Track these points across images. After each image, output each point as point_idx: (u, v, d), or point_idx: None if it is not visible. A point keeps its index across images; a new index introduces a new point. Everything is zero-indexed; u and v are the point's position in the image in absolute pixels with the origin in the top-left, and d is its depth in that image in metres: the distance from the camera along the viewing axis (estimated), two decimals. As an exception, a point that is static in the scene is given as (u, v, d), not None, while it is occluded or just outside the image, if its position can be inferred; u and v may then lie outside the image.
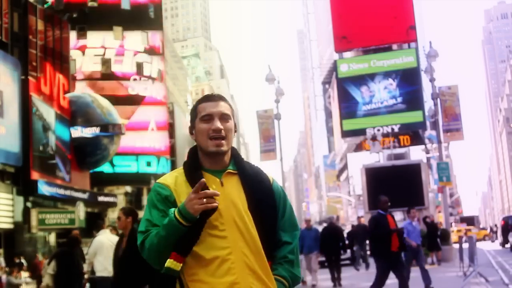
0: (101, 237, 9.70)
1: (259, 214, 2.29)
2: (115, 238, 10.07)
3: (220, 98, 2.37)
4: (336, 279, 15.15)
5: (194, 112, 2.38)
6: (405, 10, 44.85)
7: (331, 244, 15.48)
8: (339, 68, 45.52)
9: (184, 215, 2.15)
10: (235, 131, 2.41)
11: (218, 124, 2.28)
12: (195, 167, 2.33)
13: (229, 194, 2.29)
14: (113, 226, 12.71)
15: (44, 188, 23.45)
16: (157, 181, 2.38)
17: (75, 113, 28.29)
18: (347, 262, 23.44)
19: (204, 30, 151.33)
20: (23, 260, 19.44)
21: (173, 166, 46.59)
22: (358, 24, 44.47)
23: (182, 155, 51.15)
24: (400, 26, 44.03)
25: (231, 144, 2.37)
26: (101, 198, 30.14)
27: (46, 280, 9.45)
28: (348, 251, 20.90)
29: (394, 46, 45.51)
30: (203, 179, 2.16)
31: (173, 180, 2.33)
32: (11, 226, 22.11)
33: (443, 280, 14.28)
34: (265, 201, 2.33)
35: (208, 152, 2.31)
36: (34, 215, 23.46)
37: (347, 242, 20.29)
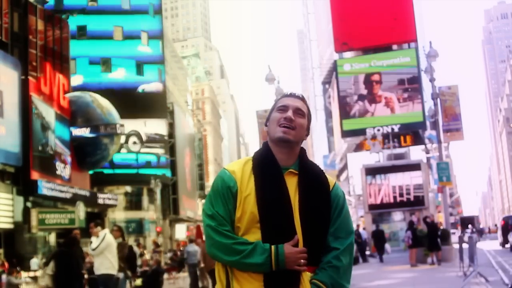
0: (109, 235, 9.74)
1: (308, 218, 2.29)
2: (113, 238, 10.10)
3: (301, 97, 2.44)
4: None
5: (273, 106, 2.45)
6: (405, 13, 44.85)
7: None
8: (339, 67, 45.54)
9: (279, 263, 2.20)
10: (307, 135, 2.45)
11: (290, 113, 2.34)
12: (271, 161, 2.35)
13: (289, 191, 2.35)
14: (118, 226, 12.73)
15: (44, 188, 23.44)
16: (225, 167, 2.41)
17: (75, 113, 28.29)
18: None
19: (204, 30, 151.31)
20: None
21: (173, 166, 46.58)
22: (359, 27, 44.48)
23: (182, 155, 51.15)
24: (400, 27, 44.04)
25: (299, 141, 2.40)
26: (101, 198, 30.13)
27: (46, 280, 9.44)
28: None
29: (394, 46, 45.49)
30: (297, 236, 2.25)
31: (241, 168, 2.36)
32: (11, 226, 22.10)
33: (443, 280, 14.29)
34: (317, 206, 2.33)
35: (275, 138, 2.36)
36: (34, 215, 23.46)
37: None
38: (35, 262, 20.55)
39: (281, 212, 2.27)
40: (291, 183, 2.33)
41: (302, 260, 2.23)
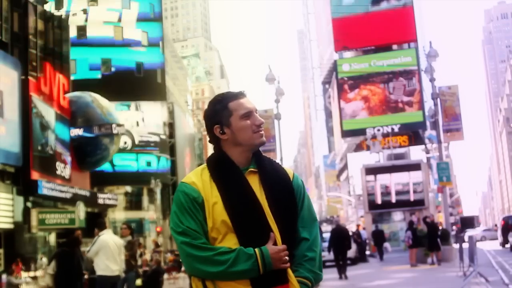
0: (105, 236, 9.68)
1: (279, 214, 2.27)
2: (117, 239, 10.04)
3: (244, 94, 2.40)
4: (342, 273, 17.10)
5: (224, 111, 2.34)
6: (406, 13, 44.86)
7: (339, 243, 17.68)
8: (339, 67, 45.54)
9: (267, 266, 2.18)
10: None
11: (259, 118, 2.34)
12: (229, 165, 2.32)
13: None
14: (128, 224, 12.64)
15: (44, 188, 23.44)
16: (183, 180, 2.33)
17: (75, 113, 28.28)
18: (348, 262, 23.52)
19: (204, 30, 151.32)
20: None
21: (173, 166, 46.58)
22: (359, 29, 44.51)
23: (182, 155, 51.15)
24: (400, 27, 44.04)
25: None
26: (101, 198, 30.13)
27: (46, 280, 9.44)
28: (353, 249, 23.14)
29: (394, 46, 45.54)
30: (273, 234, 2.24)
31: (199, 178, 2.31)
32: (11, 226, 22.09)
33: (443, 280, 14.29)
34: (284, 199, 2.32)
35: (253, 145, 2.33)
36: (34, 215, 23.45)
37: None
38: (45, 262, 20.47)
39: (253, 214, 2.24)
40: (254, 182, 2.31)
41: (285, 257, 2.21)
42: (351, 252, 23.87)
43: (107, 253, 9.48)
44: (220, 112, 2.34)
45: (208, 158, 2.43)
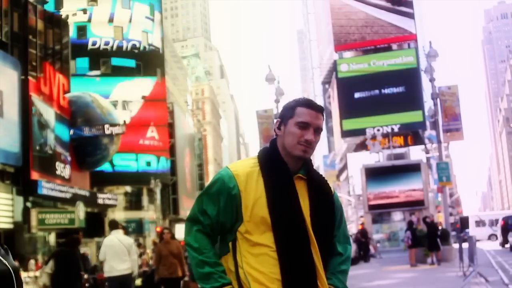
0: (110, 236, 9.67)
1: (319, 222, 2.33)
2: (125, 238, 9.98)
3: (321, 109, 2.40)
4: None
5: (290, 111, 2.40)
6: (405, 12, 44.84)
7: None
8: (339, 67, 45.54)
9: None
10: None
11: (311, 136, 2.33)
12: (281, 165, 2.36)
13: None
14: (122, 225, 12.61)
15: (44, 188, 23.44)
16: (229, 166, 2.39)
17: (75, 113, 28.27)
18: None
19: (204, 30, 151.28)
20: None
21: (173, 166, 46.57)
22: (359, 30, 44.52)
23: (182, 155, 51.15)
24: (400, 27, 44.04)
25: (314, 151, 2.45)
26: (101, 198, 30.13)
27: (44, 279, 9.44)
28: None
29: (394, 46, 45.53)
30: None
31: (246, 170, 2.35)
32: (11, 226, 22.10)
33: (443, 280, 14.29)
34: (326, 210, 2.38)
35: (292, 155, 2.35)
36: (34, 215, 23.45)
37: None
38: (49, 266, 20.44)
39: (293, 217, 2.29)
40: (300, 187, 2.36)
41: None
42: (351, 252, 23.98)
43: (111, 253, 9.50)
44: (288, 110, 2.41)
45: (260, 151, 2.46)
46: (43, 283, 9.50)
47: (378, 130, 40.13)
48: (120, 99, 41.24)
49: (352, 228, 52.26)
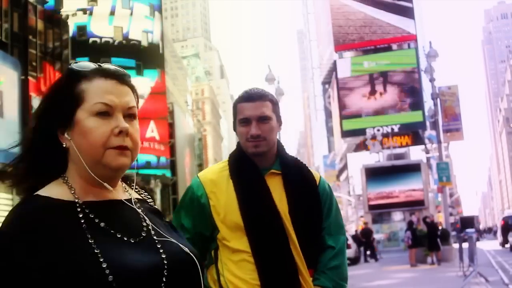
0: None
1: (300, 219, 2.18)
2: None
3: (259, 97, 2.26)
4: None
5: (234, 110, 2.36)
6: (405, 12, 44.85)
7: None
8: (339, 67, 45.55)
9: None
10: (280, 124, 2.33)
11: (254, 130, 2.20)
12: (248, 165, 2.23)
13: (272, 195, 2.21)
14: None
15: (44, 188, 23.46)
16: (199, 174, 2.31)
17: (75, 113, 28.31)
18: (348, 262, 23.57)
19: (204, 30, 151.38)
20: None
21: (173, 166, 46.58)
22: (358, 30, 44.53)
23: (182, 155, 51.19)
24: (400, 27, 44.05)
25: (274, 143, 2.26)
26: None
27: None
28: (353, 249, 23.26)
29: (394, 46, 45.55)
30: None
31: (215, 175, 2.26)
32: (11, 226, 22.11)
33: (443, 280, 14.29)
34: (308, 204, 2.22)
35: (247, 152, 2.25)
36: (34, 215, 23.47)
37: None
38: None
39: (266, 216, 2.16)
40: (275, 184, 2.21)
41: None
42: (351, 252, 23.94)
43: None
44: (233, 109, 2.39)
45: (230, 154, 2.36)
46: None
47: (378, 130, 40.14)
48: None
49: (352, 228, 52.30)
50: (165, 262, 1.21)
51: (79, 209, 1.23)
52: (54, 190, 1.27)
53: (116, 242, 1.20)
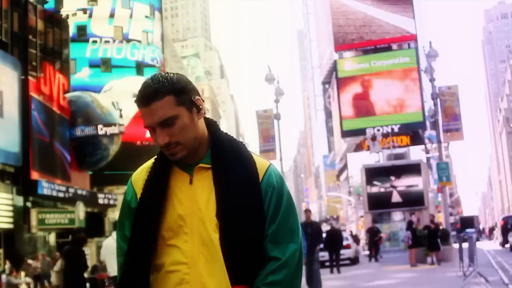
0: (109, 237, 9.89)
1: (231, 224, 1.74)
2: None
3: (153, 96, 1.73)
4: (336, 267, 19.06)
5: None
6: (405, 12, 44.84)
7: (332, 244, 19.08)
8: (339, 66, 45.55)
9: None
10: (200, 110, 1.82)
11: (160, 140, 1.75)
12: (165, 162, 1.84)
13: (198, 196, 1.79)
14: None
15: (44, 188, 23.45)
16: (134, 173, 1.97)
17: (75, 113, 28.27)
18: (348, 262, 23.57)
19: (204, 30, 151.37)
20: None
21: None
22: (357, 30, 44.54)
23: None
24: (400, 27, 44.06)
25: (195, 139, 1.80)
26: (101, 198, 30.14)
27: (53, 278, 9.61)
28: (351, 250, 23.48)
29: (394, 46, 45.56)
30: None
31: (141, 174, 1.90)
32: (11, 226, 22.10)
33: (443, 280, 14.29)
34: (243, 205, 1.75)
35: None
36: (34, 215, 23.45)
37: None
38: (58, 265, 20.34)
39: (175, 223, 1.78)
40: (204, 181, 1.80)
41: None
42: (351, 252, 23.97)
43: (109, 253, 9.69)
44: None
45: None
46: (53, 282, 9.68)
47: (378, 130, 40.16)
48: (120, 99, 41.34)
49: (352, 228, 52.30)
50: None
51: None
52: None
53: None
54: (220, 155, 1.82)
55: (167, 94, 1.74)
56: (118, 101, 37.61)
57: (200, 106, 1.81)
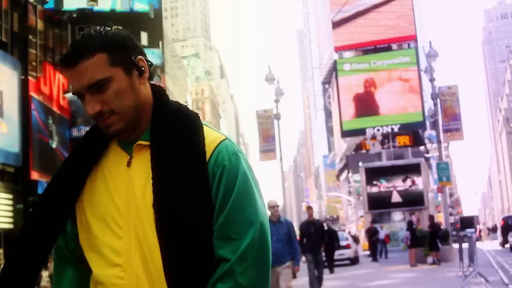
0: None
1: (165, 217, 1.38)
2: None
3: (81, 54, 1.40)
4: (330, 267, 19.16)
5: None
6: (405, 12, 44.85)
7: (328, 244, 18.56)
8: (339, 67, 45.55)
9: None
10: (142, 72, 1.46)
11: (89, 109, 1.43)
12: (99, 137, 1.53)
13: (135, 181, 1.44)
14: None
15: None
16: None
17: (75, 113, 28.28)
18: (348, 262, 23.58)
19: (204, 30, 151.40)
20: None
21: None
22: (359, 29, 44.57)
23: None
24: (400, 27, 44.06)
25: (135, 108, 1.44)
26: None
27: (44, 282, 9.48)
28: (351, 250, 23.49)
29: (394, 46, 45.56)
30: None
31: None
32: (11, 226, 22.10)
33: (443, 280, 14.29)
34: (182, 192, 1.39)
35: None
36: (34, 215, 23.46)
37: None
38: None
39: (112, 220, 1.44)
40: (143, 163, 1.44)
41: None
42: (351, 252, 23.97)
43: None
44: None
45: None
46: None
47: (378, 130, 40.16)
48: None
49: (352, 228, 52.30)
50: None
51: None
52: None
53: None
54: (160, 129, 1.45)
55: (98, 51, 1.40)
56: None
57: (143, 68, 1.45)
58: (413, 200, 29.68)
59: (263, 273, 1.39)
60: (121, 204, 1.44)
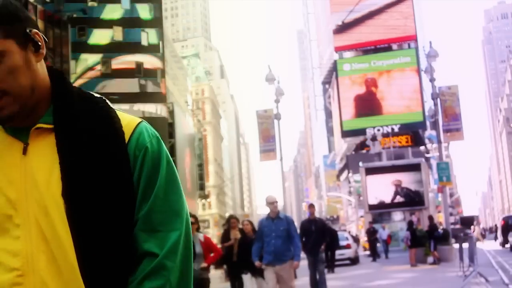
0: None
1: (79, 206, 1.20)
2: None
3: None
4: (330, 267, 19.07)
5: None
6: (406, 12, 44.85)
7: (329, 243, 18.49)
8: (339, 67, 45.56)
9: None
10: (39, 50, 1.27)
11: None
12: None
13: (35, 169, 1.24)
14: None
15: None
16: None
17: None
18: (348, 262, 23.59)
19: (204, 30, 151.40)
20: None
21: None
22: (359, 29, 44.59)
23: (182, 155, 51.24)
24: (400, 27, 44.06)
25: (26, 91, 1.23)
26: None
27: None
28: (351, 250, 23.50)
29: (394, 46, 45.58)
30: None
31: None
32: None
33: (443, 280, 14.28)
34: (99, 177, 1.22)
35: None
36: (34, 215, 23.52)
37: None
38: None
39: (7, 219, 1.22)
40: (44, 148, 1.25)
41: None
42: (351, 252, 23.97)
43: None
44: None
45: None
46: None
47: (378, 130, 40.17)
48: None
49: (352, 228, 52.30)
50: None
51: None
52: None
53: None
54: (66, 110, 1.26)
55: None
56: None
57: (39, 43, 1.25)
58: (413, 200, 29.68)
59: (191, 269, 1.29)
60: (16, 199, 1.22)
